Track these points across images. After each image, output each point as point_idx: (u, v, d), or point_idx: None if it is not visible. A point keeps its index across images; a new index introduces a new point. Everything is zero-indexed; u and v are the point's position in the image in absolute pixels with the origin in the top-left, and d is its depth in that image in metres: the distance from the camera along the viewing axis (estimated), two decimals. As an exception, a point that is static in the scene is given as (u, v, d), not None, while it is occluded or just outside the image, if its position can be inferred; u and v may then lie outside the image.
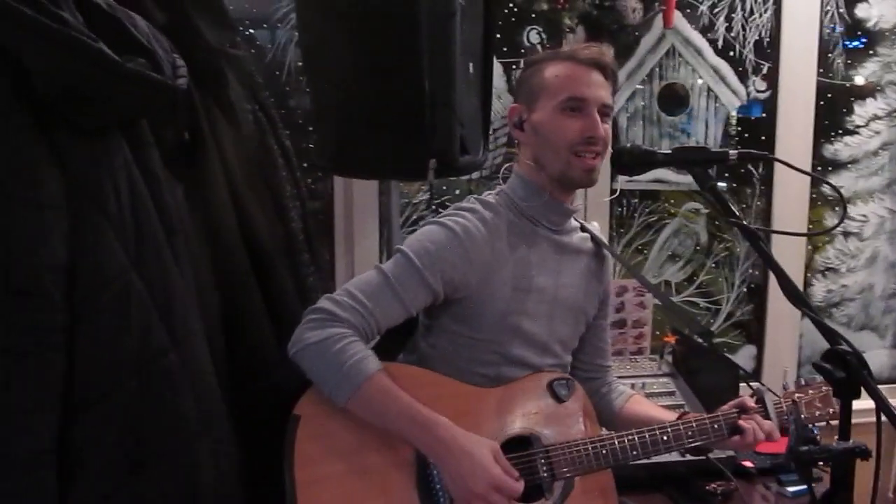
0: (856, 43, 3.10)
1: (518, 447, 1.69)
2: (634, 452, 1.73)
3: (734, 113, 3.04)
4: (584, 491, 1.74)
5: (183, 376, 1.47)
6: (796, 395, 1.85)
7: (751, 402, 1.79)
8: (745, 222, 1.53)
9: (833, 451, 1.41)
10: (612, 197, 2.15)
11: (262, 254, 1.74)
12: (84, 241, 1.38)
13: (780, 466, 2.27)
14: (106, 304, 1.39)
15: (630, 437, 1.73)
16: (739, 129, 3.06)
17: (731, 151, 1.56)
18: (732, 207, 1.56)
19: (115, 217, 1.41)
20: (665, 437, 1.74)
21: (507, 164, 1.92)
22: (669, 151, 1.63)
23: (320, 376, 1.58)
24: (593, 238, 1.94)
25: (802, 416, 1.82)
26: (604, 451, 1.71)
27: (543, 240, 1.82)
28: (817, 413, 1.84)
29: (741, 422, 1.75)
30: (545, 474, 1.68)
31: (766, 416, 1.78)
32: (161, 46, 1.54)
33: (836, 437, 1.42)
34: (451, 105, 2.00)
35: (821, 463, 1.47)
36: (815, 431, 1.91)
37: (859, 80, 3.12)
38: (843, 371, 1.37)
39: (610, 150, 1.77)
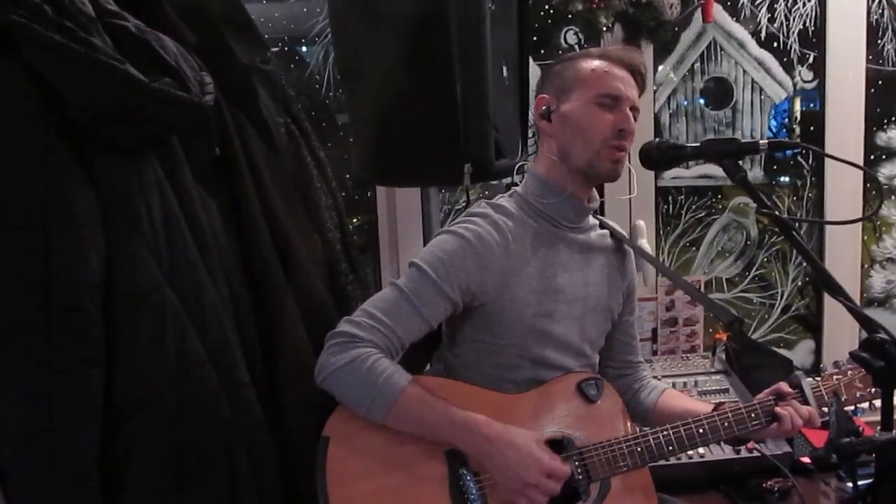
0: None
1: (552, 450, 1.67)
2: (671, 448, 1.70)
3: (796, 107, 2.99)
4: (621, 491, 1.71)
5: (220, 388, 1.51)
6: (835, 376, 1.80)
7: (787, 388, 1.76)
8: (776, 213, 1.51)
9: (875, 442, 1.38)
10: (631, 196, 2.10)
11: (298, 266, 1.76)
12: (119, 257, 1.42)
13: (820, 459, 2.21)
14: (142, 318, 1.43)
15: (665, 433, 1.71)
16: (788, 121, 2.99)
17: (762, 141, 1.53)
18: (763, 198, 1.53)
19: (148, 233, 1.46)
20: (701, 430, 1.71)
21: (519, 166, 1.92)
22: (698, 144, 1.62)
23: (353, 398, 1.59)
24: (613, 234, 1.93)
25: (843, 398, 1.77)
26: (639, 449, 1.69)
27: (562, 239, 1.81)
28: (858, 394, 1.79)
29: (778, 409, 1.71)
30: (580, 476, 1.67)
31: (805, 402, 1.74)
32: (189, 65, 1.58)
33: (879, 428, 1.38)
34: (485, 110, 2.00)
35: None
36: (858, 413, 1.85)
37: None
38: (882, 360, 1.34)
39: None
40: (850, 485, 2.20)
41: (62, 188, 1.38)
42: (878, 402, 1.60)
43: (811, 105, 3.01)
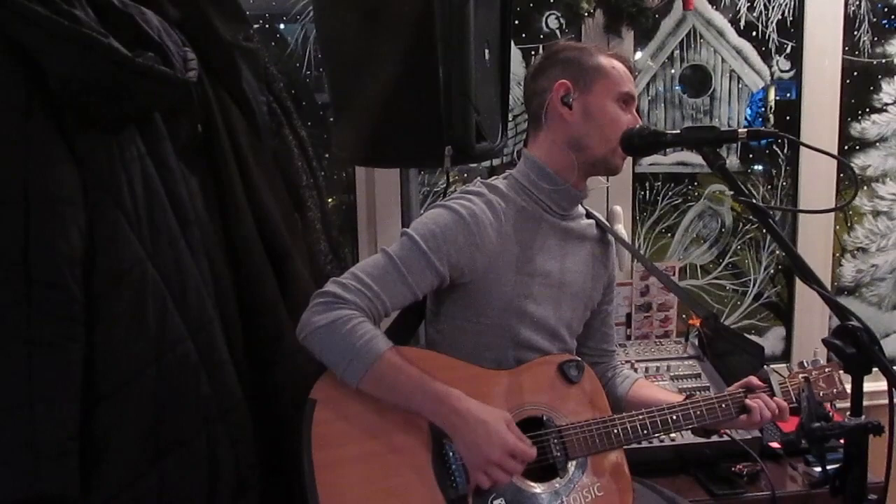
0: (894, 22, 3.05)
1: (531, 428, 1.70)
2: (645, 432, 1.75)
3: (770, 96, 3.02)
4: (597, 470, 1.75)
5: (200, 364, 1.51)
6: (800, 375, 1.87)
7: (757, 382, 1.82)
8: (753, 200, 1.53)
9: (845, 427, 1.41)
10: (607, 185, 2.12)
11: (278, 243, 1.76)
12: (100, 233, 1.42)
13: (791, 444, 2.25)
14: (122, 294, 1.43)
15: (641, 418, 1.76)
16: (764, 109, 3.02)
17: (741, 130, 1.55)
18: (741, 186, 1.56)
19: (129, 209, 1.45)
20: (675, 417, 1.77)
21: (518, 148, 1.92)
22: (678, 132, 1.64)
23: (331, 357, 1.60)
24: (598, 224, 1.95)
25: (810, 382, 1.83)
26: (615, 431, 1.74)
27: (550, 225, 1.83)
28: (821, 393, 1.86)
29: (748, 401, 1.78)
30: (558, 454, 1.70)
31: (773, 395, 1.81)
32: (172, 41, 1.57)
33: (849, 413, 1.42)
34: (467, 93, 2.00)
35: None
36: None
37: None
38: (854, 347, 1.37)
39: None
40: (818, 469, 2.25)
41: (43, 164, 1.38)
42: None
43: (787, 94, 3.04)
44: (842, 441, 1.45)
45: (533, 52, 2.81)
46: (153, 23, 1.55)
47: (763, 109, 3.04)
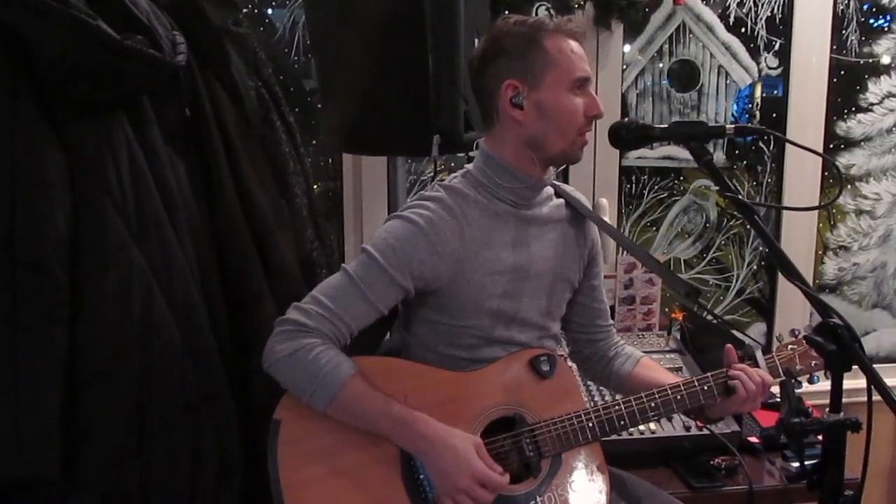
0: (881, 22, 3.07)
1: (503, 428, 1.68)
2: (622, 423, 1.72)
3: (757, 92, 3.03)
4: (573, 466, 1.72)
5: (185, 351, 1.51)
6: (790, 346, 1.83)
7: (735, 357, 1.78)
8: (738, 196, 1.54)
9: (824, 423, 1.43)
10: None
11: (264, 230, 1.76)
12: (86, 217, 1.42)
13: (770, 438, 2.26)
14: (108, 279, 1.43)
15: (617, 408, 1.72)
16: (750, 106, 3.04)
17: (728, 126, 1.56)
18: (727, 181, 1.57)
19: (116, 194, 1.45)
20: (653, 404, 1.73)
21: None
22: (666, 126, 1.64)
23: (296, 388, 1.58)
24: (569, 202, 1.88)
25: (799, 367, 1.80)
26: (590, 425, 1.70)
27: (514, 217, 1.77)
28: (813, 363, 1.81)
29: (730, 381, 1.72)
30: (531, 453, 1.67)
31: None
32: (161, 24, 1.56)
33: (828, 409, 1.43)
34: (456, 82, 2.00)
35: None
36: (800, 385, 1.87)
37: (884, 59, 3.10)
38: (835, 344, 1.38)
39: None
40: (795, 464, 2.26)
41: (29, 148, 1.38)
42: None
43: (773, 91, 3.06)
44: (819, 437, 1.46)
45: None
46: (142, 5, 1.54)
47: (749, 106, 3.06)
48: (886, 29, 3.07)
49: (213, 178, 1.68)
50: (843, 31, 3.01)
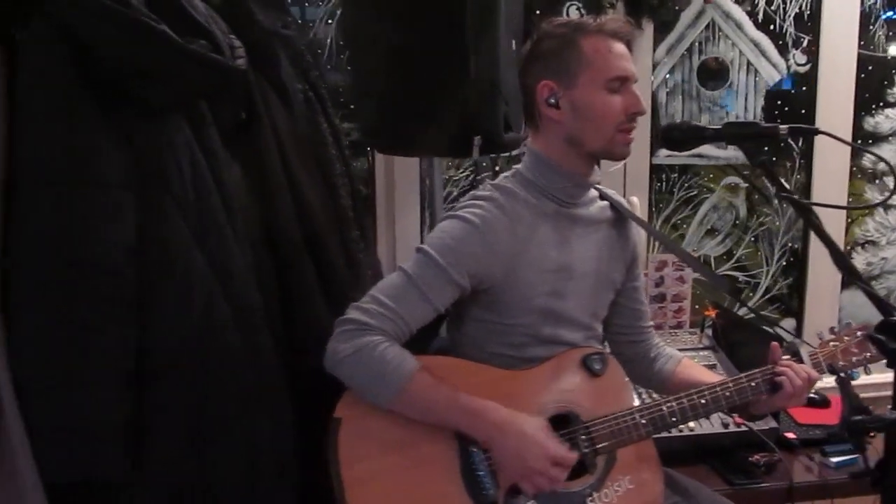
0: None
1: (558, 425, 1.70)
2: (674, 419, 1.74)
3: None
4: (627, 463, 1.74)
5: (244, 352, 1.52)
6: (831, 343, 1.85)
7: (780, 354, 1.80)
8: (796, 196, 1.55)
9: (886, 420, 1.44)
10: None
11: (315, 231, 1.76)
12: (150, 219, 1.43)
13: (834, 436, 2.27)
14: (171, 280, 1.44)
15: (669, 405, 1.74)
16: (779, 102, 3.05)
17: (782, 126, 1.57)
18: (783, 182, 1.58)
19: (178, 195, 1.46)
20: (703, 401, 1.75)
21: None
22: (719, 127, 1.65)
23: (361, 386, 1.60)
24: (613, 204, 1.91)
25: (840, 363, 1.82)
26: (643, 422, 1.72)
27: (563, 216, 1.79)
28: (854, 359, 1.83)
29: (777, 377, 1.75)
30: (587, 450, 1.70)
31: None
32: (219, 28, 1.57)
33: (890, 406, 1.44)
34: (497, 83, 2.01)
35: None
36: (856, 375, 1.87)
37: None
38: (898, 342, 1.39)
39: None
40: (833, 459, 2.29)
41: (95, 149, 1.38)
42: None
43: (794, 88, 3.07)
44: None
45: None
46: (200, 8, 1.54)
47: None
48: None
49: (268, 180, 1.68)
50: (871, 27, 3.02)
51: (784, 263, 3.18)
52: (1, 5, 1.40)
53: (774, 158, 3.10)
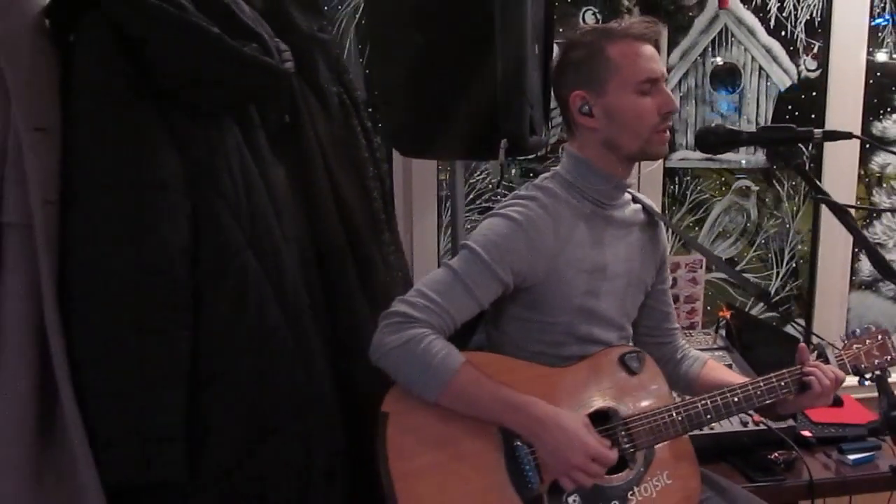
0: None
1: (597, 422, 1.72)
2: (709, 416, 1.77)
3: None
4: (665, 459, 1.78)
5: (295, 352, 1.54)
6: (855, 345, 1.90)
7: (808, 355, 1.83)
8: (830, 197, 1.59)
9: (925, 416, 1.48)
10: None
11: (356, 232, 1.78)
12: (204, 221, 1.45)
13: (875, 430, 2.30)
14: (226, 282, 1.46)
15: (703, 402, 1.77)
16: (789, 107, 3.10)
17: (816, 130, 1.61)
18: (818, 183, 1.62)
19: (230, 197, 1.48)
20: (736, 399, 1.79)
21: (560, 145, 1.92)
22: (755, 130, 1.69)
23: (407, 378, 1.62)
24: (645, 207, 1.96)
25: (864, 365, 1.87)
26: (679, 418, 1.76)
27: (602, 218, 1.84)
28: (876, 361, 1.88)
29: (805, 378, 1.78)
30: (626, 446, 1.73)
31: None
32: (265, 31, 1.59)
33: (927, 402, 1.48)
34: (523, 86, 2.04)
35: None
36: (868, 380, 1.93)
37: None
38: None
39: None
40: (851, 457, 2.32)
41: (150, 152, 1.40)
42: None
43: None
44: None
45: (569, 48, 2.84)
46: (248, 12, 1.57)
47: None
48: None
49: (311, 182, 1.70)
50: (880, 34, 3.07)
51: (794, 266, 3.22)
52: (58, 9, 1.42)
53: (784, 163, 3.14)
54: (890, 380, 1.80)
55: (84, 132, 1.37)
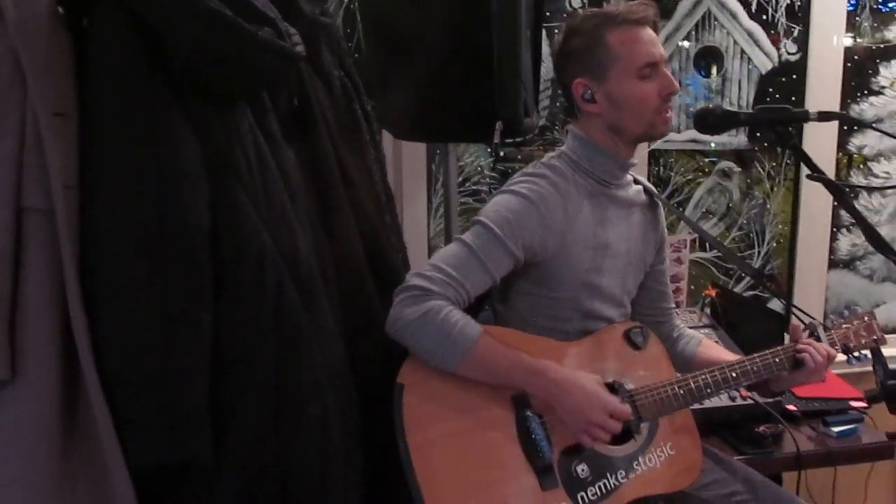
0: (891, 6, 3.21)
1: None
2: (709, 390, 1.85)
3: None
4: (669, 430, 1.86)
5: (313, 333, 1.55)
6: (843, 325, 1.98)
7: (801, 333, 1.91)
8: (826, 176, 1.64)
9: (921, 385, 1.54)
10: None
11: (365, 215, 1.80)
12: (222, 205, 1.44)
13: (873, 398, 2.34)
14: (245, 266, 1.46)
15: (703, 377, 1.84)
16: (770, 89, 3.15)
17: (812, 112, 1.66)
18: (814, 163, 1.67)
19: (246, 181, 1.48)
20: (734, 374, 1.86)
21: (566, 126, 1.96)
22: (752, 111, 1.73)
23: (427, 349, 1.67)
24: (646, 189, 2.02)
25: (852, 344, 1.96)
26: (682, 392, 1.82)
27: (607, 197, 1.89)
28: (863, 341, 1.97)
29: (799, 355, 1.85)
30: (632, 417, 1.79)
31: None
32: (275, 14, 1.59)
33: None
34: (517, 68, 2.06)
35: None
36: (860, 359, 2.01)
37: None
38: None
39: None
40: (835, 429, 2.40)
41: (171, 138, 1.40)
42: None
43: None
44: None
45: (556, 31, 2.87)
46: (257, -4, 1.57)
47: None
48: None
49: (321, 164, 1.71)
50: (858, 18, 3.14)
51: (774, 245, 3.30)
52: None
53: (766, 143, 3.21)
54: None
55: (104, 118, 1.37)
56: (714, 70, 3.09)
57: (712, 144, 3.16)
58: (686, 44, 3.04)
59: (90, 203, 1.37)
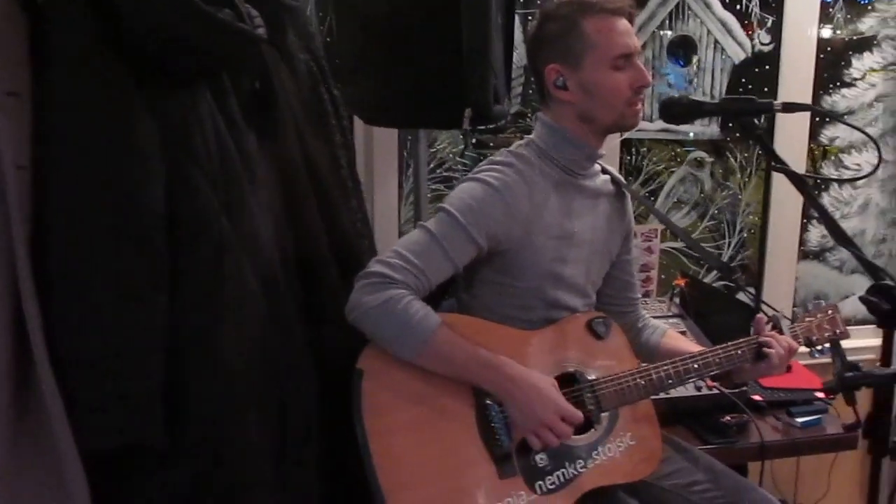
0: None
1: (565, 385, 1.79)
2: (670, 381, 1.85)
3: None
4: (628, 420, 1.86)
5: (271, 319, 1.54)
6: (807, 318, 2.00)
7: (764, 325, 1.92)
8: (789, 167, 1.64)
9: (877, 375, 1.55)
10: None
11: (328, 200, 1.79)
12: (179, 188, 1.43)
13: (830, 389, 2.36)
14: (201, 249, 1.45)
15: (665, 368, 1.85)
16: (743, 80, 3.16)
17: (776, 102, 1.66)
18: (777, 154, 1.67)
19: (204, 165, 1.47)
20: (696, 366, 1.86)
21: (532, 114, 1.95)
22: (717, 101, 1.73)
23: (385, 337, 1.66)
24: (613, 179, 2.02)
25: (815, 338, 1.97)
26: (642, 382, 1.83)
27: (574, 186, 1.89)
28: (826, 335, 1.99)
29: (761, 347, 1.86)
30: (592, 407, 1.80)
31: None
32: (237, -3, 1.58)
33: (878, 363, 1.55)
34: (487, 55, 2.05)
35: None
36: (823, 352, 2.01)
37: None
38: (889, 304, 1.50)
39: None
40: (799, 419, 2.42)
41: (126, 118, 1.38)
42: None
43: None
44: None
45: (530, 17, 2.86)
46: (219, -23, 1.55)
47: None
48: (870, 7, 3.22)
49: (284, 149, 1.70)
50: (831, 10, 3.15)
51: (745, 235, 3.31)
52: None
53: (738, 134, 3.22)
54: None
55: (59, 97, 1.34)
56: (693, 58, 3.08)
57: (691, 134, 3.17)
58: (663, 32, 3.03)
59: (44, 183, 1.34)
